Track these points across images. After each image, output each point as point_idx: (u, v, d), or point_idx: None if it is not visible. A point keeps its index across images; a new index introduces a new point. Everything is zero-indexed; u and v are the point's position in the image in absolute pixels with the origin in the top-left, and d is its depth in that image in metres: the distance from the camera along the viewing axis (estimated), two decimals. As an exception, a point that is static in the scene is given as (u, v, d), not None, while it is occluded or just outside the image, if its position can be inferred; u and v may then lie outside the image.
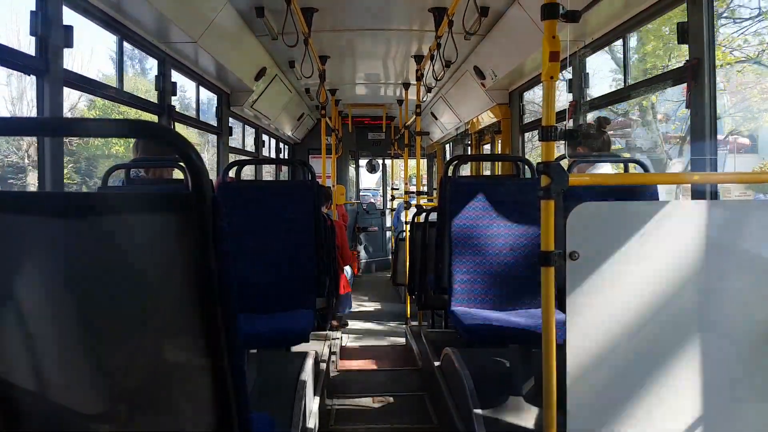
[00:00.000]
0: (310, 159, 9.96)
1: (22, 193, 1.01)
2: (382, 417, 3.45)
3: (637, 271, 1.62)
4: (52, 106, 2.55)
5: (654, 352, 1.62)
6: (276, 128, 7.88)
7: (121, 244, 0.96)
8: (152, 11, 3.23)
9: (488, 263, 3.10)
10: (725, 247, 1.66)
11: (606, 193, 2.67)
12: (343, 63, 6.21)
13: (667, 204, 1.65)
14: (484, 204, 3.14)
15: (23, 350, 0.97)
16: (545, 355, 1.69)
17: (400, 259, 6.77)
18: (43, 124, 1.27)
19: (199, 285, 0.93)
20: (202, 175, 0.91)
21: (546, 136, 1.72)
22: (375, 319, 6.74)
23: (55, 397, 0.99)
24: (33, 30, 2.50)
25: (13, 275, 0.95)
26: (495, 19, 4.37)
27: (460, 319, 2.78)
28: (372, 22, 4.74)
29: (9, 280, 0.95)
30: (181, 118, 4.36)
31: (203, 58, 4.30)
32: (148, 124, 0.99)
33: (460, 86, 6.29)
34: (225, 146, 5.42)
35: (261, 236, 3.21)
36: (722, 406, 1.63)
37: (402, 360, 4.84)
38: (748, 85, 10.40)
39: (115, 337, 0.96)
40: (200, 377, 0.98)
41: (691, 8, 2.71)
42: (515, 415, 2.57)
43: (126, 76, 3.79)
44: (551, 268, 1.69)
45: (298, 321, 2.89)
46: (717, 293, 1.64)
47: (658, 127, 11.97)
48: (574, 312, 1.59)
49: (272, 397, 2.79)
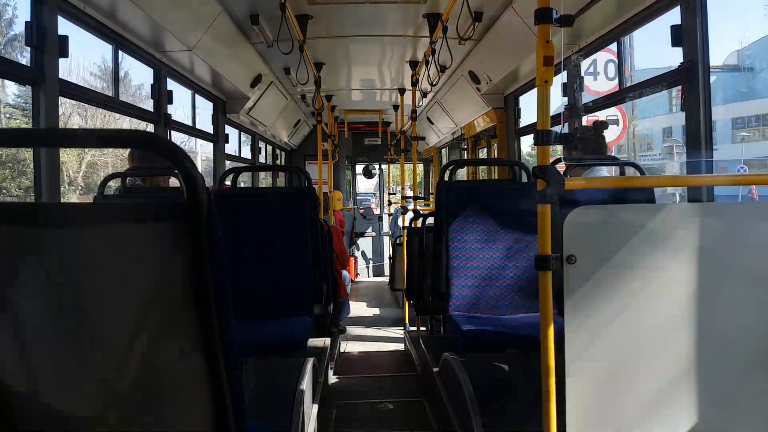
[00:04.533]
0: (306, 165, 9.97)
1: (17, 204, 1.01)
2: (382, 423, 3.44)
3: (634, 274, 1.61)
4: (48, 116, 2.54)
5: (652, 356, 1.62)
6: (272, 135, 7.88)
7: (117, 253, 0.95)
8: (147, 20, 3.23)
9: (486, 268, 3.10)
10: (722, 249, 1.66)
11: (603, 196, 2.68)
12: (338, 69, 6.22)
13: (664, 207, 1.65)
14: (481, 208, 3.15)
15: (18, 357, 0.96)
16: (544, 359, 1.69)
17: (397, 264, 6.77)
18: (39, 134, 1.26)
19: (194, 293, 0.93)
20: (197, 184, 0.91)
21: (541, 141, 1.72)
22: (373, 325, 6.73)
23: (49, 406, 0.98)
24: (28, 40, 2.50)
25: (8, 285, 0.95)
26: (489, 25, 4.39)
27: (458, 325, 2.77)
28: (366, 28, 4.76)
29: (4, 290, 0.95)
30: (177, 126, 4.36)
31: (199, 66, 4.30)
32: (144, 134, 0.99)
33: (455, 91, 6.31)
34: (221, 154, 5.42)
35: (258, 243, 3.20)
36: (719, 411, 1.63)
37: (401, 366, 4.83)
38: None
39: (109, 347, 0.95)
40: (196, 387, 0.98)
41: (684, 11, 2.73)
42: (515, 420, 2.56)
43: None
44: (548, 273, 1.69)
45: (296, 328, 2.88)
46: (714, 296, 1.64)
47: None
48: (573, 316, 1.59)
49: (270, 405, 2.78)
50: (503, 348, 2.80)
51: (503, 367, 2.94)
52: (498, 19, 4.24)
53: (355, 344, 5.76)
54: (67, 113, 12.94)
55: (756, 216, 1.69)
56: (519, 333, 2.59)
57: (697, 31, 2.65)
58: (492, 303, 3.07)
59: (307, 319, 3.06)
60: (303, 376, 2.99)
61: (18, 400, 0.97)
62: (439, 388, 3.26)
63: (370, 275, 10.74)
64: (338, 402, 3.74)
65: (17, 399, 0.97)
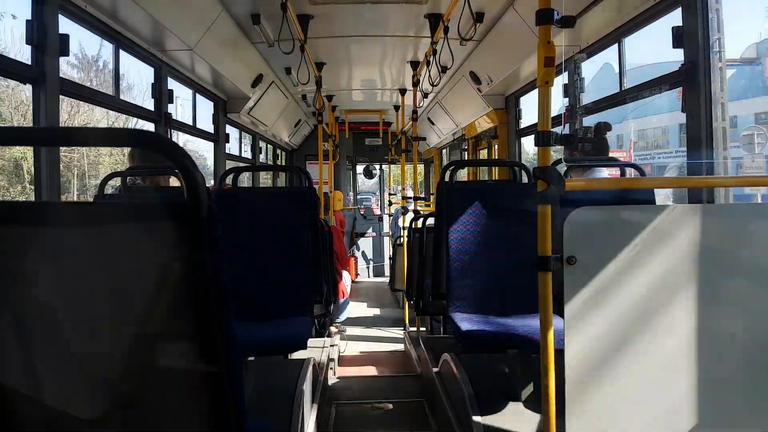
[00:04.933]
0: (307, 165, 9.97)
1: (18, 203, 1.01)
2: (381, 424, 3.43)
3: (634, 275, 1.62)
4: (49, 114, 2.55)
5: (654, 356, 1.62)
6: (273, 135, 7.88)
7: (118, 252, 0.95)
8: (148, 19, 3.23)
9: (486, 268, 3.09)
10: (722, 250, 1.66)
11: (603, 197, 2.67)
12: (339, 69, 6.22)
13: (665, 208, 1.65)
14: (481, 209, 3.14)
15: (19, 356, 0.96)
16: (544, 360, 1.69)
17: (398, 264, 6.76)
18: (40, 133, 1.26)
19: (195, 293, 0.93)
20: (197, 184, 0.91)
21: (542, 141, 1.72)
22: (373, 325, 6.73)
23: (50, 404, 0.98)
24: (29, 38, 2.50)
25: (9, 284, 0.95)
26: (490, 25, 4.39)
27: (458, 325, 2.77)
28: (368, 28, 4.76)
29: (6, 289, 0.95)
30: (177, 125, 4.36)
31: (199, 65, 4.30)
32: (145, 133, 0.99)
33: (456, 92, 6.30)
34: (222, 153, 5.42)
35: (258, 243, 3.20)
36: (720, 411, 1.63)
37: (400, 366, 4.82)
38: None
39: (110, 345, 0.95)
40: (197, 386, 0.98)
41: (685, 12, 2.73)
42: (514, 420, 2.56)
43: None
44: (549, 273, 1.69)
45: (296, 328, 2.87)
46: (714, 296, 1.64)
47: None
48: (572, 317, 1.59)
49: (270, 404, 2.77)
50: (503, 348, 2.80)
51: (503, 368, 2.94)
52: (499, 19, 4.24)
53: (355, 344, 5.76)
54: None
55: (755, 217, 1.69)
56: (519, 333, 2.58)
57: (698, 33, 2.65)
58: (492, 303, 3.07)
59: (307, 319, 3.05)
60: (303, 376, 2.99)
61: (15, 396, 0.97)
62: (439, 389, 3.25)
63: (370, 275, 10.74)
64: (338, 402, 3.74)
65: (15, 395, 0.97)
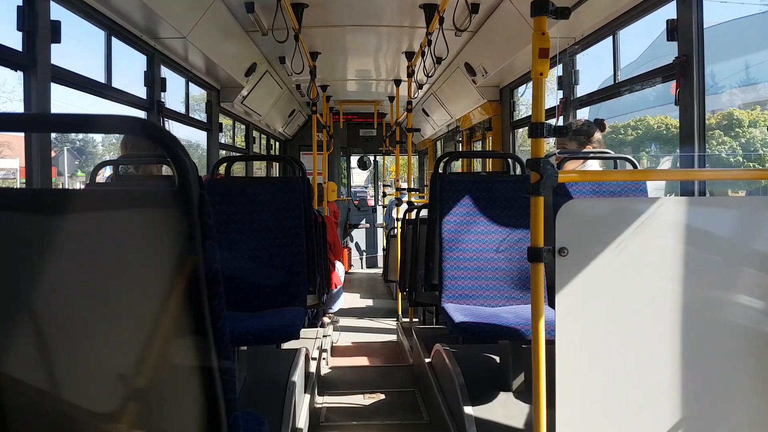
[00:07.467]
0: (301, 156, 9.93)
1: (8, 190, 1.00)
2: (373, 414, 3.45)
3: (626, 267, 1.63)
4: (40, 101, 2.52)
5: (643, 347, 1.63)
6: (267, 125, 7.85)
7: (108, 240, 0.95)
8: (140, 6, 3.20)
9: (478, 260, 3.10)
10: (713, 243, 1.67)
11: (595, 189, 2.68)
12: (333, 59, 6.19)
13: (656, 201, 1.66)
14: (475, 201, 3.15)
15: (7, 348, 0.96)
16: (535, 351, 1.70)
17: (391, 255, 6.78)
18: (31, 119, 1.25)
19: (186, 282, 0.93)
20: (188, 173, 0.91)
21: (535, 133, 1.73)
22: (366, 316, 6.75)
23: (40, 395, 0.98)
24: (20, 25, 2.48)
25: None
26: (485, 16, 4.37)
27: (450, 316, 2.78)
28: (362, 18, 4.73)
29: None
30: (170, 114, 4.33)
31: (193, 53, 4.26)
32: (134, 120, 0.98)
33: (451, 83, 6.29)
34: (215, 142, 5.40)
35: (251, 233, 3.19)
36: (711, 401, 1.65)
37: (393, 357, 4.84)
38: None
39: (99, 334, 0.95)
40: (188, 375, 0.98)
41: (680, 5, 2.73)
42: (505, 410, 2.58)
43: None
44: (541, 265, 1.70)
45: (289, 318, 2.88)
46: (706, 289, 1.65)
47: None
48: (564, 308, 1.60)
49: (262, 394, 2.78)
50: (495, 339, 2.81)
51: (494, 358, 2.96)
52: (494, 10, 4.23)
53: (347, 335, 5.77)
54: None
55: (745, 210, 1.71)
56: (511, 324, 2.60)
57: (692, 26, 2.65)
58: (484, 294, 3.08)
59: (300, 309, 3.05)
60: (295, 366, 3.00)
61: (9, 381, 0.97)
62: (431, 379, 3.27)
63: (363, 266, 10.75)
64: (330, 392, 3.75)
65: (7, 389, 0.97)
